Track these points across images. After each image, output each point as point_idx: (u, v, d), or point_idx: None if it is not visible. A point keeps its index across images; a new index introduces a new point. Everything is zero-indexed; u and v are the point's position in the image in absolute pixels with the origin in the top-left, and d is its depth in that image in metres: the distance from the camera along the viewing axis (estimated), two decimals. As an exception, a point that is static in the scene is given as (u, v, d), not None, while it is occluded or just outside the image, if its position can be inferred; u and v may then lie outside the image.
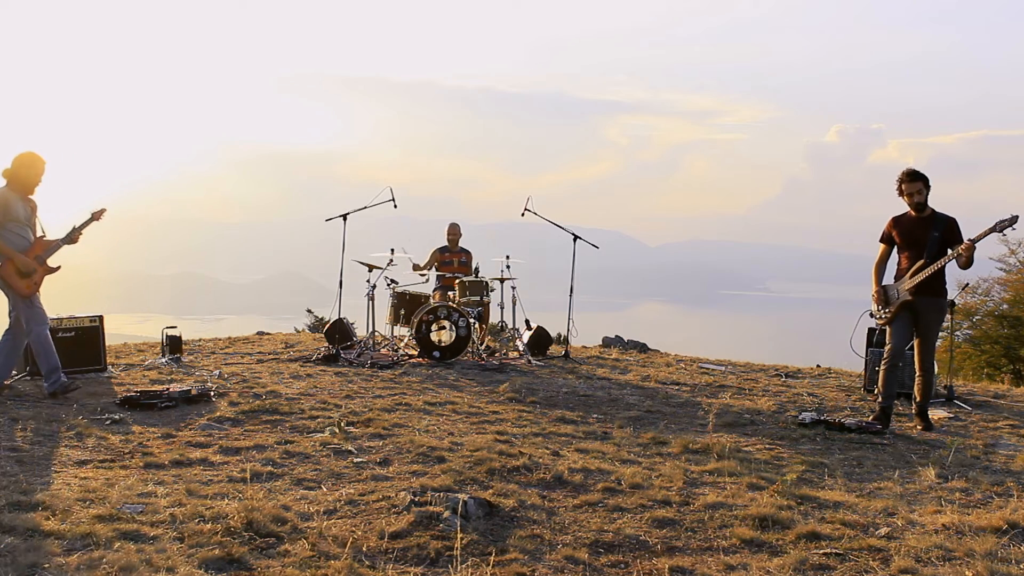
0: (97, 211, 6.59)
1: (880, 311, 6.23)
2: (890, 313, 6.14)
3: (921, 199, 5.93)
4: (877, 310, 6.28)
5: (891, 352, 6.10)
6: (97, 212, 6.59)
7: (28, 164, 6.19)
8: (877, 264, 6.29)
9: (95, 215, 6.57)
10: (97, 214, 6.58)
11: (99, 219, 6.61)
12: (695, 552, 3.37)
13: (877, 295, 6.24)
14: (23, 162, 6.17)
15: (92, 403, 5.95)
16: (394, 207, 9.16)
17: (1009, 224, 5.52)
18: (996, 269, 17.94)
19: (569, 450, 4.98)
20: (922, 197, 5.92)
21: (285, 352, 9.20)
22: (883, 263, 6.29)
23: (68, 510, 3.51)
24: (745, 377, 8.52)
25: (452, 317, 8.57)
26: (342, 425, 5.28)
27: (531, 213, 9.43)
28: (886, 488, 4.36)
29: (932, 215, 5.95)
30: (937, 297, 5.98)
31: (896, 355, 6.10)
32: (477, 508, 3.66)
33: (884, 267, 6.29)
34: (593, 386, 7.57)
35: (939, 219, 5.91)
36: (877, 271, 6.30)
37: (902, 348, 6.13)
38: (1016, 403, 7.46)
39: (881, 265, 6.29)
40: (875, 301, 6.27)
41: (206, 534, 3.29)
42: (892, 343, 6.11)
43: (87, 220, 6.52)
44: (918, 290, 5.95)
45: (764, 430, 5.83)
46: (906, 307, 6.06)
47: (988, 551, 3.29)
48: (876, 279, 6.28)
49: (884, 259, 6.28)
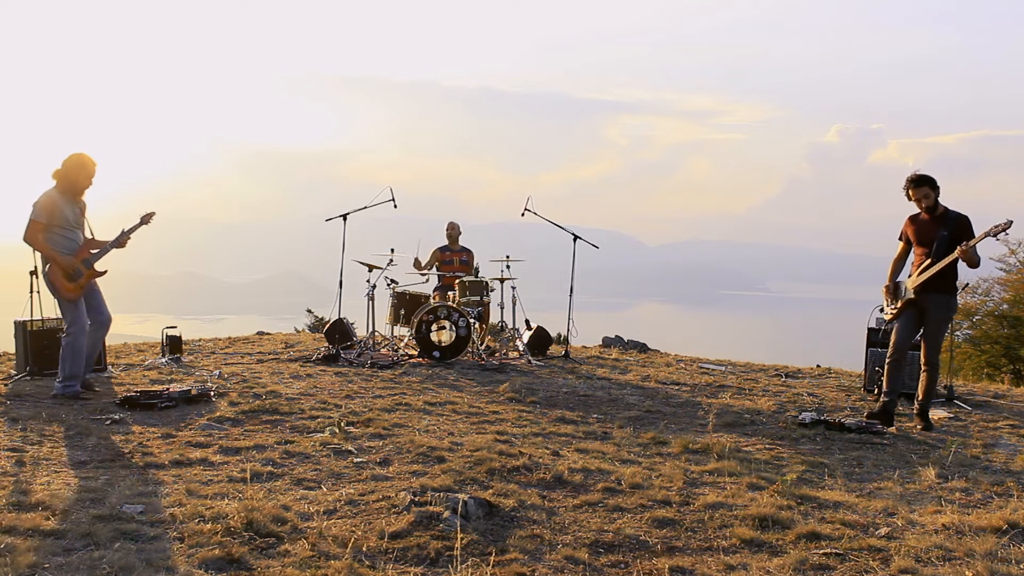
0: (146, 215, 6.53)
1: (889, 307, 6.28)
2: (896, 309, 6.18)
3: (930, 202, 5.96)
4: (886, 305, 6.33)
5: (894, 348, 6.13)
6: (146, 215, 6.53)
7: (79, 166, 6.15)
8: (895, 260, 6.35)
9: (144, 218, 6.52)
10: (146, 217, 6.53)
11: (148, 222, 6.55)
12: (695, 552, 3.37)
13: (887, 290, 6.32)
14: (73, 163, 6.14)
15: (92, 403, 5.94)
16: (394, 207, 9.16)
17: (1003, 229, 5.55)
18: (996, 269, 17.94)
19: (569, 450, 4.98)
20: (930, 200, 5.96)
21: (285, 352, 9.20)
22: (900, 260, 6.33)
23: (68, 510, 3.51)
24: (745, 377, 8.52)
25: (452, 317, 8.57)
26: (342, 425, 5.28)
27: (531, 213, 9.43)
28: (886, 488, 4.36)
29: (944, 214, 5.97)
30: (944, 294, 5.99)
31: (899, 352, 6.12)
32: (477, 508, 3.66)
33: (901, 264, 6.34)
34: (593, 386, 7.57)
35: (950, 217, 5.94)
36: (893, 267, 6.35)
37: (906, 345, 6.15)
38: (1016, 403, 7.46)
39: (898, 262, 6.34)
40: (885, 296, 6.33)
41: (206, 534, 3.28)
42: (896, 339, 6.14)
43: (136, 224, 6.48)
44: (923, 288, 5.97)
45: (764, 430, 5.83)
46: (911, 304, 6.09)
47: (988, 551, 3.29)
48: (891, 275, 6.34)
49: (901, 256, 6.32)
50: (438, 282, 10.07)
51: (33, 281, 7.05)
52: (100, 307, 6.41)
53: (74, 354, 6.15)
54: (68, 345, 6.15)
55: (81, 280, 6.15)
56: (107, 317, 6.48)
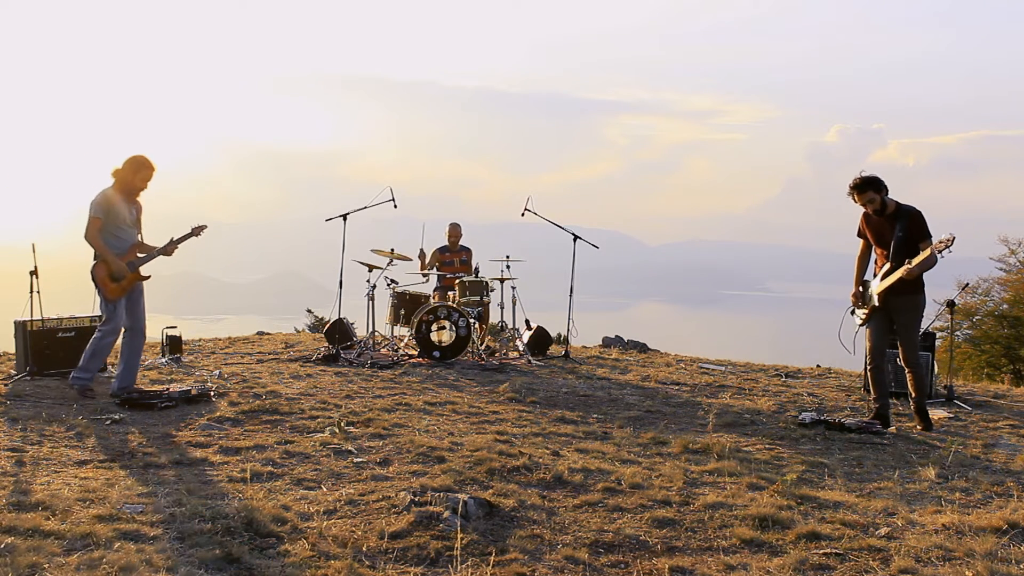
0: (197, 227, 6.51)
1: (859, 311, 6.23)
2: (865, 314, 6.14)
3: (876, 206, 5.86)
4: (856, 308, 6.28)
5: (871, 354, 6.09)
6: (197, 228, 6.51)
7: (138, 167, 6.17)
8: (858, 259, 6.27)
9: (195, 230, 6.50)
10: (197, 229, 6.50)
11: (199, 235, 6.52)
12: (695, 552, 3.37)
13: (855, 296, 6.24)
14: (133, 164, 6.16)
15: (92, 403, 5.94)
16: (394, 207, 9.16)
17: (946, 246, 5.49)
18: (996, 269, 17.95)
19: (569, 450, 4.98)
20: (876, 204, 5.85)
21: (285, 352, 9.20)
22: (863, 258, 6.26)
23: (68, 510, 3.51)
24: (745, 377, 8.52)
25: (452, 317, 8.57)
26: (342, 425, 5.28)
27: (531, 213, 9.42)
28: (886, 488, 4.36)
29: (896, 211, 5.86)
30: (908, 295, 5.90)
31: (876, 356, 6.08)
32: (477, 508, 3.66)
33: (865, 262, 6.26)
34: (593, 386, 7.57)
35: (903, 214, 5.83)
36: (858, 267, 6.26)
37: (881, 348, 6.10)
38: (1016, 403, 7.45)
39: (862, 260, 6.26)
40: (854, 300, 6.27)
41: (206, 534, 3.29)
42: (870, 345, 6.11)
43: (187, 234, 6.47)
44: (887, 293, 5.93)
45: (764, 430, 5.83)
46: (878, 310, 6.06)
47: (988, 551, 3.29)
48: (856, 276, 6.25)
49: (864, 254, 6.25)
50: (438, 283, 10.07)
51: (33, 281, 7.05)
52: (140, 315, 6.38)
53: (100, 352, 6.24)
54: (97, 340, 6.23)
55: (124, 282, 6.15)
56: (144, 326, 6.44)
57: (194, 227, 6.52)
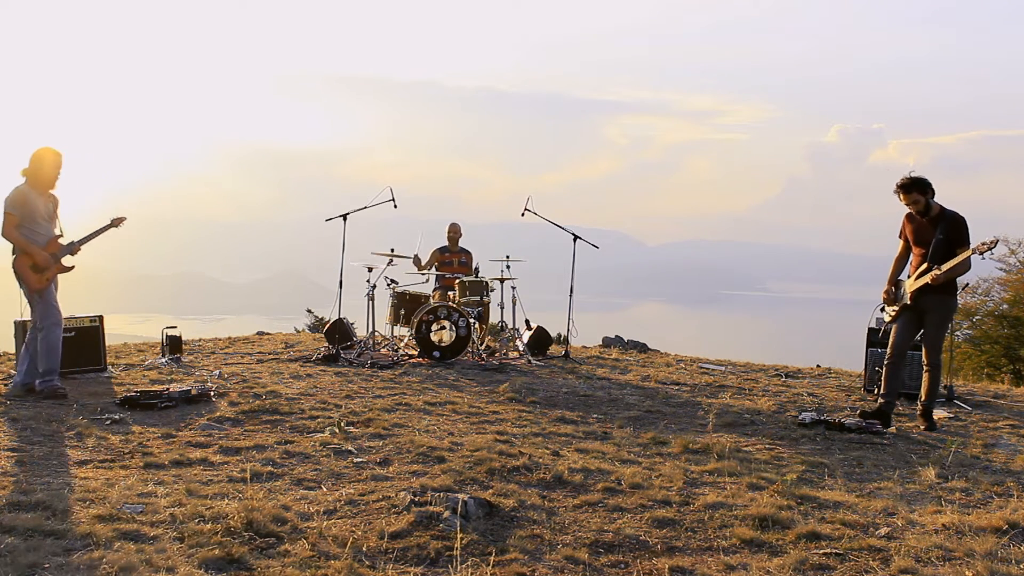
0: (117, 218, 6.67)
1: (890, 308, 6.28)
2: (894, 312, 6.17)
3: (920, 207, 5.92)
4: (887, 306, 6.34)
5: (893, 350, 6.12)
6: (116, 219, 6.67)
7: (43, 160, 6.25)
8: (896, 260, 6.30)
9: (114, 221, 6.66)
10: (116, 220, 6.67)
11: (118, 226, 6.69)
12: (695, 552, 3.37)
13: (886, 294, 6.29)
14: (39, 158, 6.24)
15: (92, 403, 5.94)
16: (394, 207, 9.15)
17: (989, 248, 5.54)
18: (996, 269, 17.94)
19: (569, 450, 4.98)
20: (920, 205, 5.90)
21: (285, 352, 9.20)
22: (901, 260, 6.28)
23: (68, 510, 3.51)
24: (745, 377, 8.52)
25: (452, 317, 8.57)
26: (342, 425, 5.28)
27: (531, 213, 9.42)
28: (886, 488, 4.36)
29: (940, 215, 5.91)
30: (941, 294, 5.95)
31: (897, 354, 6.11)
32: (477, 508, 3.66)
33: (903, 264, 6.28)
34: (593, 386, 7.57)
35: (946, 218, 5.89)
36: (895, 267, 6.30)
37: (904, 348, 6.14)
38: (1016, 403, 7.46)
39: (899, 261, 6.29)
40: (885, 298, 6.31)
41: (206, 534, 3.28)
42: (894, 341, 6.13)
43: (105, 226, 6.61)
44: (920, 291, 5.96)
45: (764, 430, 5.83)
46: (909, 308, 6.08)
47: (988, 551, 3.29)
48: (891, 276, 6.30)
49: (902, 256, 6.27)
50: (437, 283, 10.07)
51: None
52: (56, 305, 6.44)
53: (51, 348, 6.25)
54: (43, 340, 6.24)
55: (48, 273, 6.24)
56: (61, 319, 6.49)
57: (113, 219, 6.66)
